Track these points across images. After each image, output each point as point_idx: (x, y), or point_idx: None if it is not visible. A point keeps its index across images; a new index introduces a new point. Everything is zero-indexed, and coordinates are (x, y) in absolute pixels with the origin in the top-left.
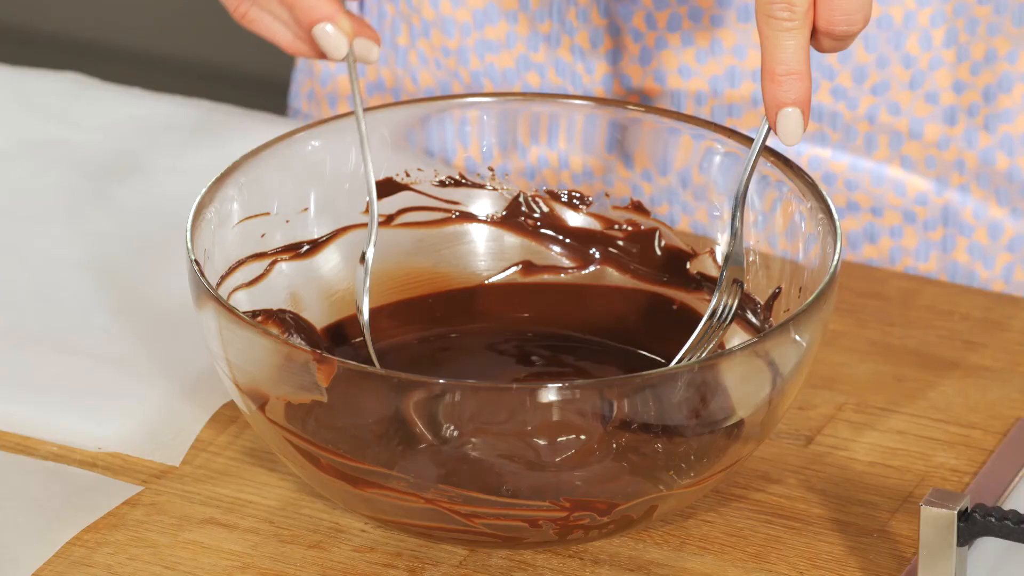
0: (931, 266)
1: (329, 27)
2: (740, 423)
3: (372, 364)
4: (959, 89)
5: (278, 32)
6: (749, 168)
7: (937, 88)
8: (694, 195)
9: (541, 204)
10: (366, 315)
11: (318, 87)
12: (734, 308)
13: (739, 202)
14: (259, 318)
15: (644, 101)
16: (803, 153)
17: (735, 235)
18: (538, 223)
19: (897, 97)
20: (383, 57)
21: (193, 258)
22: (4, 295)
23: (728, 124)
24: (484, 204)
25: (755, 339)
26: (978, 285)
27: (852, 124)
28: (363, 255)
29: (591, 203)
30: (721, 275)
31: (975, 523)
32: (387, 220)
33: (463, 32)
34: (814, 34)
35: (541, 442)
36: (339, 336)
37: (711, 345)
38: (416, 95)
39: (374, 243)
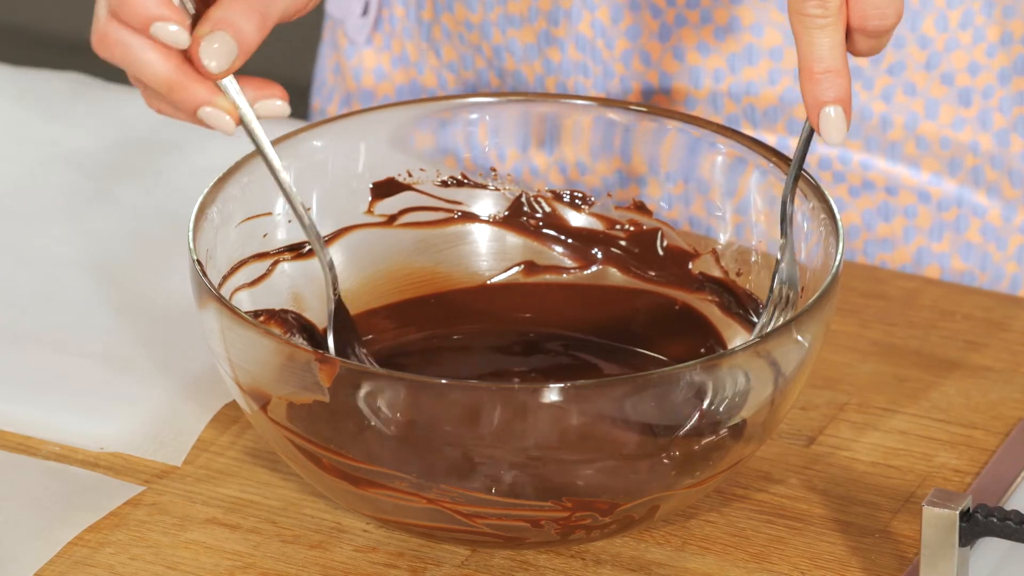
0: (944, 246)
1: (209, 109)
2: (742, 423)
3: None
4: (974, 71)
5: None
6: (794, 174)
7: (953, 69)
8: (696, 195)
9: (543, 204)
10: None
11: (343, 60)
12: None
13: (786, 212)
14: (261, 318)
15: (663, 78)
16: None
17: (785, 247)
18: (540, 223)
19: (913, 78)
20: (407, 31)
21: (195, 258)
22: (5, 295)
23: (746, 102)
24: (486, 204)
25: (757, 339)
26: (991, 266)
27: (868, 104)
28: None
29: (593, 203)
30: (771, 291)
31: (977, 523)
32: (389, 220)
33: (486, 7)
34: (849, 34)
35: (543, 442)
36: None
37: None
38: (439, 69)
39: (333, 295)
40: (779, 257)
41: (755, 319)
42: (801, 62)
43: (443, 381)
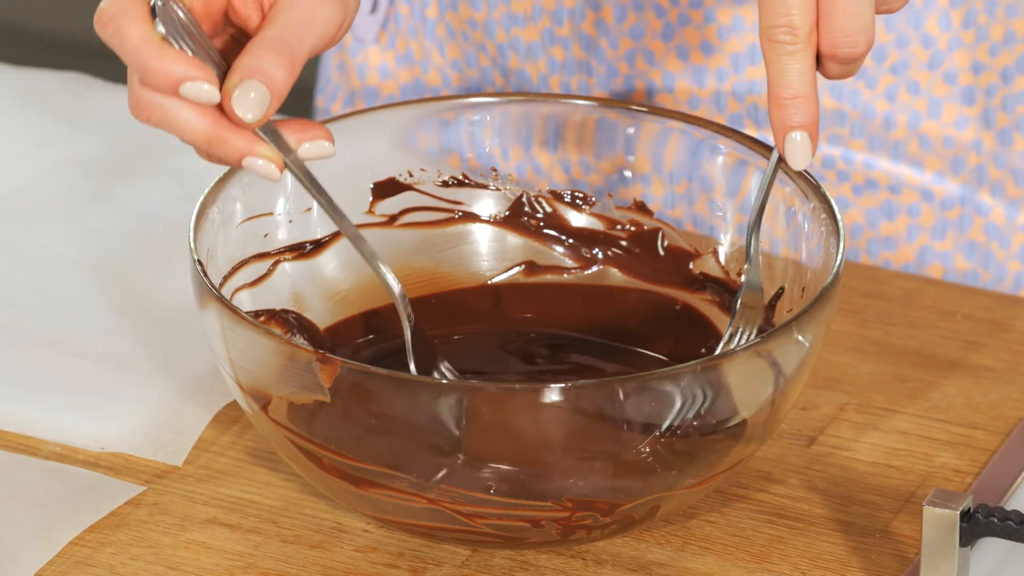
0: (947, 245)
1: (254, 160)
2: (743, 423)
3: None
4: (977, 70)
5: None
6: (762, 196)
7: (956, 68)
8: (697, 195)
9: (544, 204)
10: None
11: (347, 58)
12: (752, 335)
13: (753, 229)
14: (262, 318)
15: (666, 77)
16: (823, 131)
17: (750, 261)
18: (541, 223)
19: (916, 77)
20: (412, 29)
21: (196, 258)
22: (5, 295)
23: (749, 101)
24: (487, 204)
25: (758, 339)
26: (994, 265)
27: (871, 103)
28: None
29: (594, 203)
30: (736, 302)
31: (978, 523)
32: (390, 220)
33: (490, 5)
34: (819, 59)
35: (543, 442)
36: (342, 336)
37: None
38: (443, 67)
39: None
40: (741, 280)
41: None
42: (770, 87)
43: (444, 381)
